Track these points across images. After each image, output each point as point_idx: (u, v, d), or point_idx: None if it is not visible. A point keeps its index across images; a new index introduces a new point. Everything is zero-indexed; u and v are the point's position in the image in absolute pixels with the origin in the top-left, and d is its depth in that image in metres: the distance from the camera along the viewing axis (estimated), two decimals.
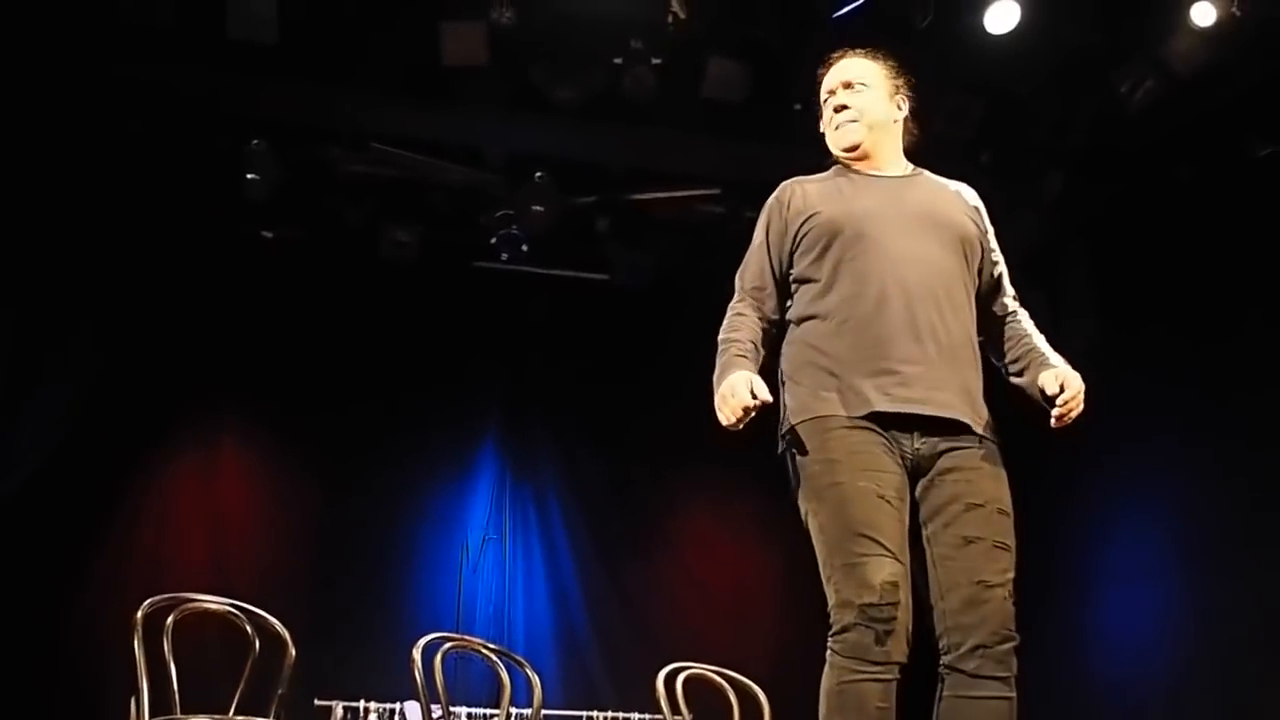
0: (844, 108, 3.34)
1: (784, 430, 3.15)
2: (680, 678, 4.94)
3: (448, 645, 4.62)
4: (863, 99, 3.34)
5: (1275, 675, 6.41)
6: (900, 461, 3.02)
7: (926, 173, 3.40)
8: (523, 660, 5.01)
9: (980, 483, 3.04)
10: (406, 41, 6.78)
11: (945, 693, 2.96)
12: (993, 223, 3.36)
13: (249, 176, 7.41)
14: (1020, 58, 6.71)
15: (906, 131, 3.42)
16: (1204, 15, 6.28)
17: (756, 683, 5.14)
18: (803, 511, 3.08)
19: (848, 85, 3.36)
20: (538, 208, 7.82)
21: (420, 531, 8.45)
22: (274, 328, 8.24)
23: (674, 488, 8.82)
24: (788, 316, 3.26)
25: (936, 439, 3.03)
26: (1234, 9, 6.22)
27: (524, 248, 8.15)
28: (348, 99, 7.25)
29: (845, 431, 3.01)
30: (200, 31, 6.51)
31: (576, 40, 6.78)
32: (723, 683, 5.11)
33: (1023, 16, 6.45)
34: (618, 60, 6.86)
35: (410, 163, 7.79)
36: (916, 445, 3.03)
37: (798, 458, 3.08)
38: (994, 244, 3.34)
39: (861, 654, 2.85)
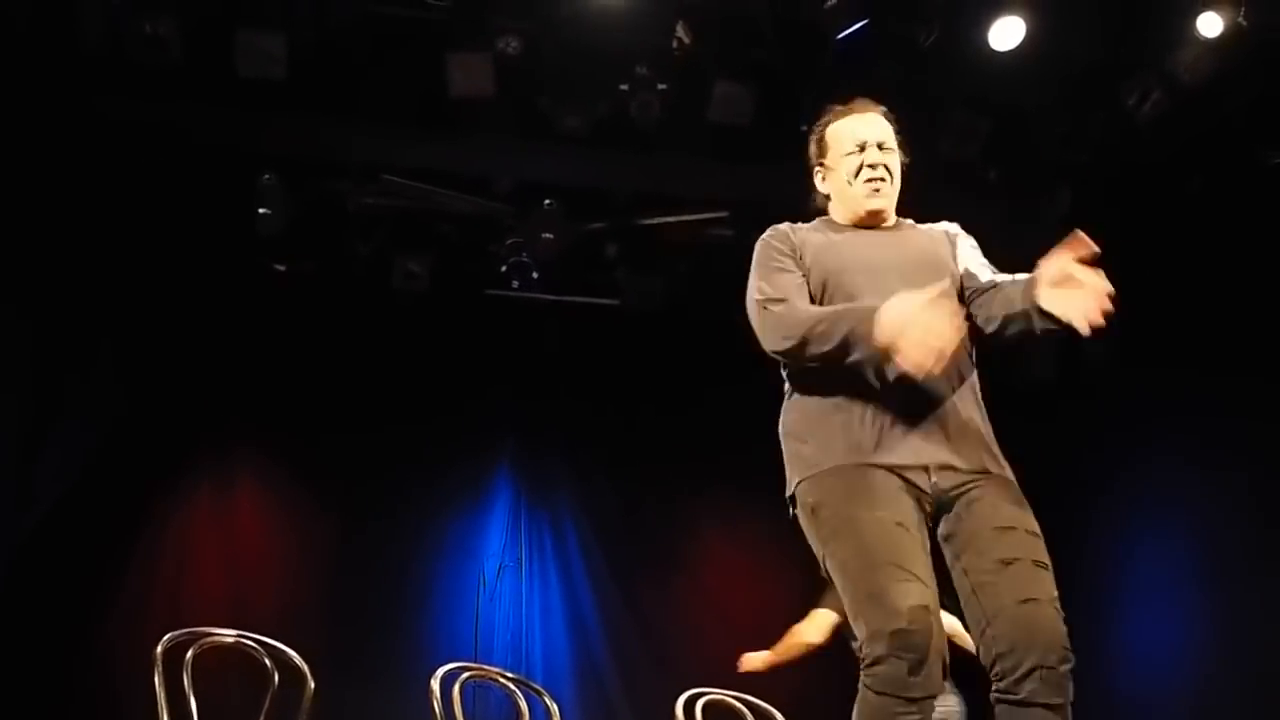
0: (880, 167, 3.27)
1: (791, 491, 3.10)
2: (699, 704, 4.92)
3: (466, 674, 4.61)
4: (893, 163, 3.30)
5: None
6: (917, 501, 2.96)
7: (910, 223, 3.38)
8: (541, 689, 5.00)
9: (1005, 509, 2.98)
10: (414, 74, 6.82)
11: None
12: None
13: (261, 211, 7.45)
14: (1026, 74, 6.71)
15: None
16: (1210, 25, 6.27)
17: (777, 708, 5.12)
18: (821, 558, 3.01)
19: (881, 146, 3.29)
20: (547, 235, 7.85)
21: (436, 561, 8.44)
22: (288, 360, 8.26)
23: (690, 511, 8.80)
24: (786, 373, 3.20)
25: (953, 474, 2.99)
26: (1240, 19, 6.21)
27: (534, 275, 8.17)
28: (357, 132, 7.29)
29: (857, 473, 2.96)
30: (210, 70, 6.57)
31: (582, 68, 6.81)
32: (742, 708, 5.09)
33: (1027, 32, 6.45)
34: (624, 86, 6.89)
35: (420, 194, 7.82)
36: (934, 480, 2.97)
37: (809, 509, 3.03)
38: (968, 253, 3.30)
39: (896, 688, 2.74)
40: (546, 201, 7.78)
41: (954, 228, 3.34)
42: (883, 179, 3.26)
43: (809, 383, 3.12)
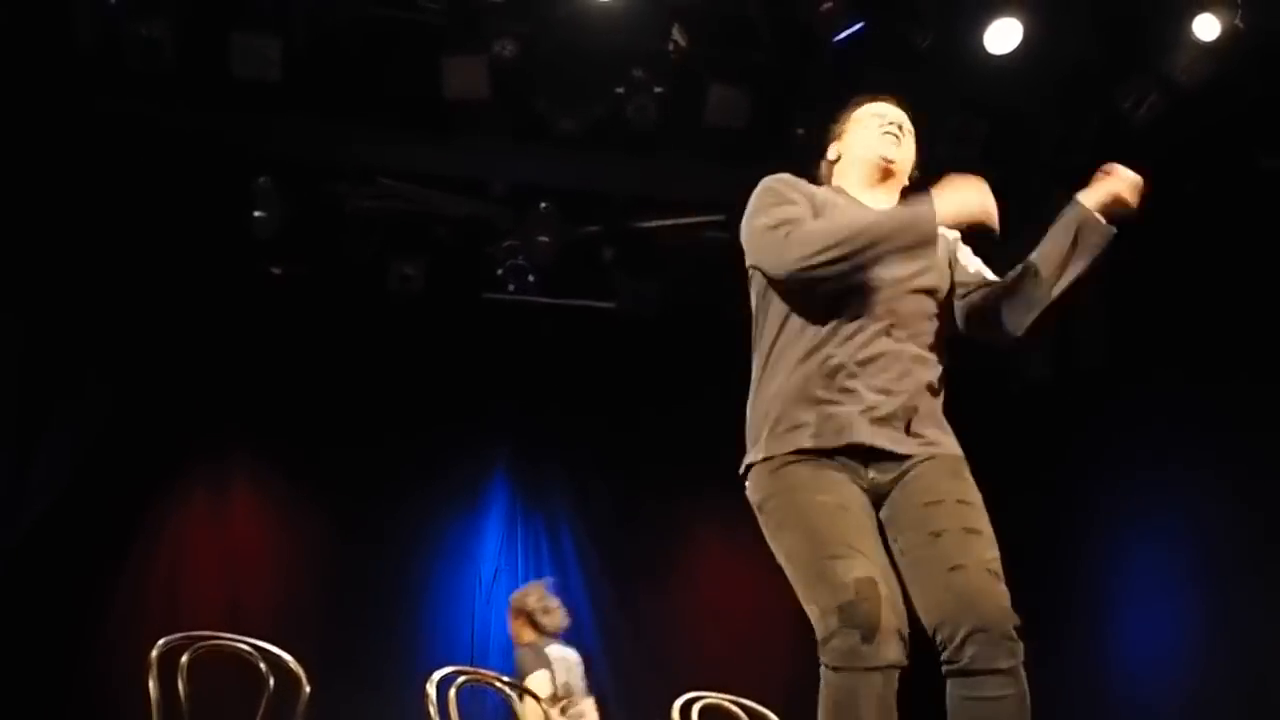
0: (900, 128, 3.30)
1: (744, 469, 3.11)
2: (696, 707, 4.90)
3: (462, 679, 4.59)
4: (909, 144, 3.33)
5: None
6: (859, 488, 2.97)
7: None
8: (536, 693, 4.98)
9: (936, 483, 2.96)
10: (409, 76, 6.80)
11: (950, 700, 2.80)
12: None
13: (256, 213, 7.45)
14: (1022, 76, 6.71)
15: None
16: (1207, 28, 6.27)
17: (774, 711, 5.10)
18: (774, 550, 3.01)
19: (902, 126, 3.33)
20: (543, 238, 7.84)
21: (432, 564, 8.43)
22: (283, 363, 8.25)
23: (685, 515, 8.80)
24: (761, 346, 3.17)
25: (895, 464, 2.98)
26: (1237, 21, 6.21)
27: (530, 278, 8.16)
28: (352, 135, 7.29)
29: (801, 463, 2.96)
30: (205, 72, 6.55)
31: (578, 71, 6.80)
32: (739, 712, 5.07)
33: (1024, 35, 6.45)
34: (620, 89, 6.88)
35: (416, 196, 7.81)
36: (872, 475, 2.98)
37: (757, 506, 3.05)
38: (964, 257, 3.30)
39: (851, 660, 2.72)
40: (542, 204, 7.77)
41: (952, 232, 3.31)
42: (898, 133, 3.28)
43: (775, 369, 3.09)
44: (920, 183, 3.25)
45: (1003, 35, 6.46)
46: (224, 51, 6.42)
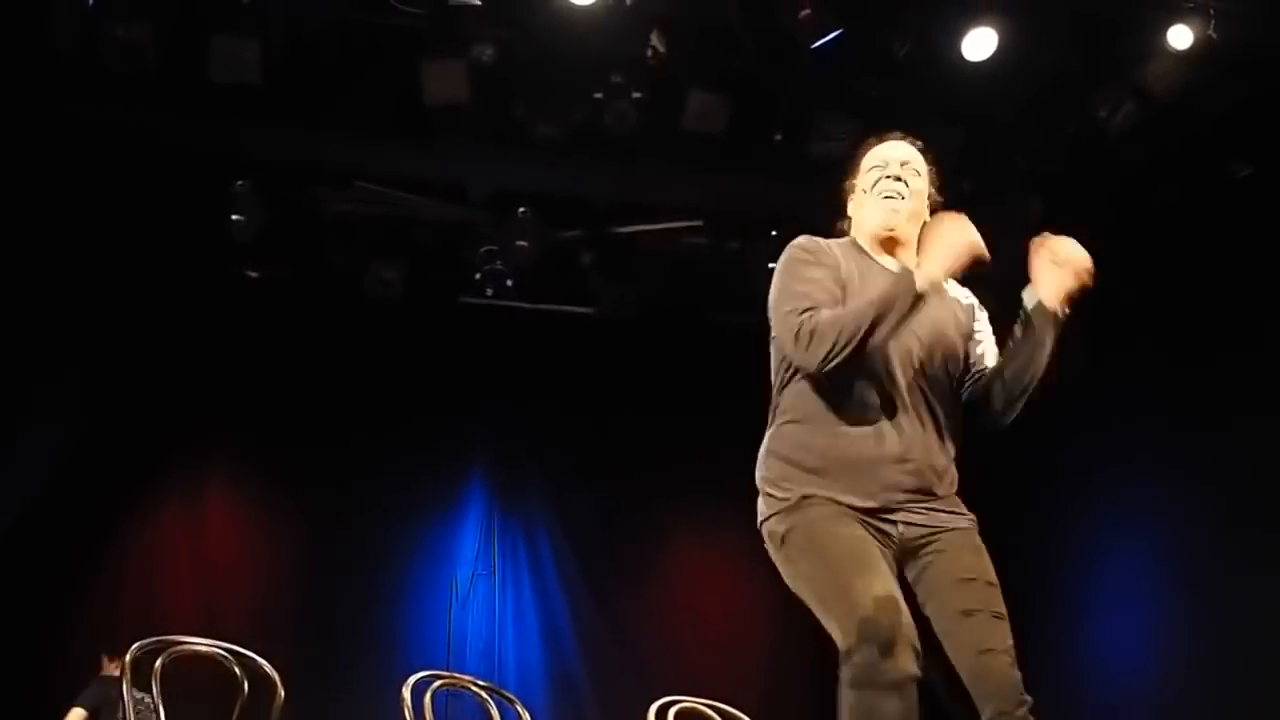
0: (899, 181, 3.23)
1: (763, 522, 3.13)
2: (672, 711, 4.91)
3: (437, 683, 4.59)
4: (916, 185, 3.27)
5: (1267, 695, 6.40)
6: (881, 544, 3.01)
7: None
8: (513, 697, 4.97)
9: (966, 558, 3.07)
10: (388, 81, 6.81)
11: None
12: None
13: (234, 217, 7.43)
14: (999, 85, 6.74)
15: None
16: (1180, 38, 6.33)
17: (749, 715, 5.11)
18: (790, 581, 3.06)
19: (904, 164, 3.27)
20: (522, 243, 7.85)
21: (409, 568, 8.43)
22: (261, 367, 8.23)
23: (663, 520, 8.82)
24: (774, 404, 3.19)
25: (920, 528, 3.05)
26: (1210, 31, 6.26)
27: (509, 282, 8.16)
28: (331, 139, 7.28)
29: (827, 507, 3.00)
30: (184, 76, 6.54)
31: (557, 76, 6.81)
32: (715, 716, 5.08)
33: (1000, 44, 6.48)
34: (599, 95, 6.89)
35: (394, 200, 7.81)
36: (901, 531, 3.04)
37: (779, 539, 3.06)
38: (982, 333, 3.31)
39: (871, 676, 2.81)
40: (521, 209, 7.78)
41: (968, 296, 3.33)
42: (899, 194, 3.23)
43: (798, 416, 3.13)
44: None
45: (980, 44, 6.50)
46: (203, 55, 6.40)
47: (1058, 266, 3.11)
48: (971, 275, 3.11)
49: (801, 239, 3.24)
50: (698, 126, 6.91)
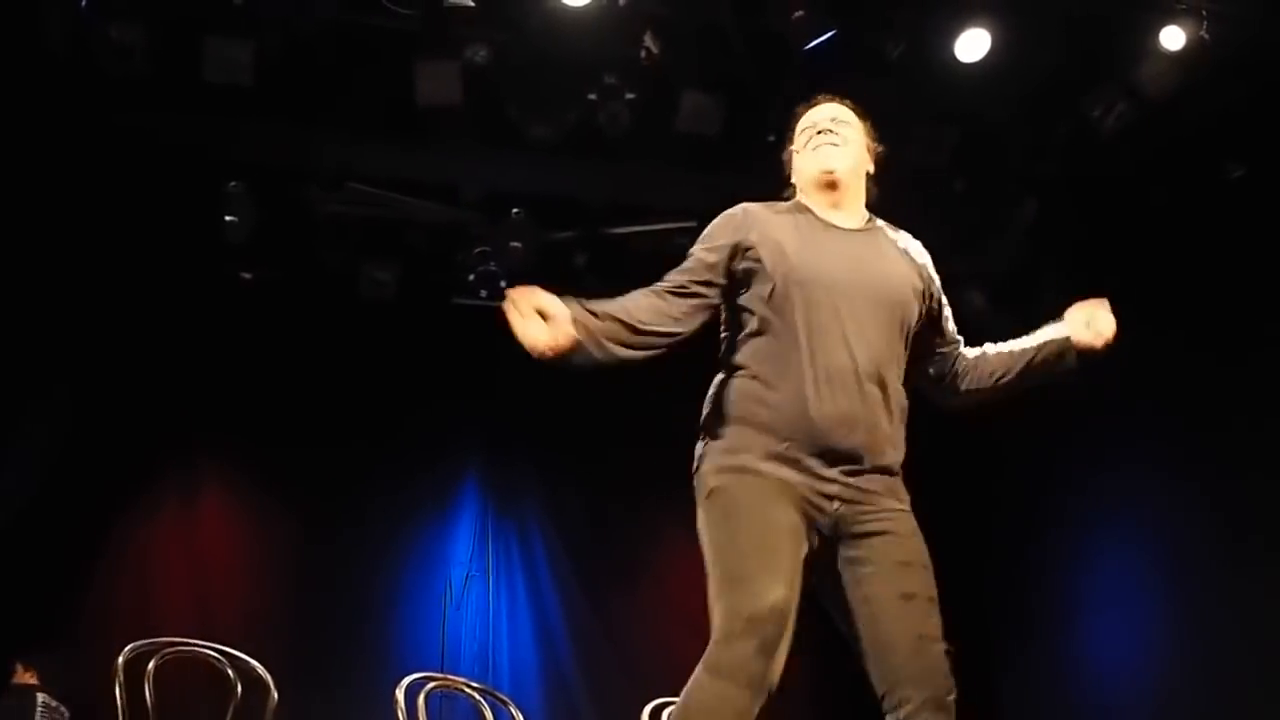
0: (829, 132, 3.32)
1: (696, 465, 3.17)
2: (666, 712, 4.91)
3: (431, 685, 4.59)
4: (848, 134, 3.33)
5: (1260, 696, 6.41)
6: (811, 520, 3.01)
7: (880, 224, 3.37)
8: (507, 699, 4.98)
9: (907, 542, 3.07)
10: (382, 82, 6.80)
11: None
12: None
13: (227, 218, 7.42)
14: (992, 85, 6.75)
15: (869, 188, 3.39)
16: (1173, 39, 6.34)
17: None
18: (700, 536, 3.11)
19: (833, 119, 3.35)
20: (516, 244, 7.84)
21: (403, 569, 8.41)
22: (254, 369, 8.22)
23: (657, 520, 8.80)
24: (722, 357, 3.24)
25: (857, 506, 3.05)
26: (1203, 32, 6.28)
27: (502, 284, 8.15)
28: (324, 140, 7.27)
29: (763, 475, 3.01)
30: (177, 77, 6.53)
31: (551, 77, 6.80)
32: None
33: (993, 44, 6.49)
34: (592, 96, 6.88)
35: (388, 202, 7.80)
36: (836, 507, 3.03)
37: (708, 490, 3.10)
38: (939, 292, 3.34)
39: (740, 667, 2.83)
40: (515, 210, 7.77)
41: (921, 252, 3.34)
42: (830, 141, 3.30)
43: (740, 379, 3.15)
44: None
45: (973, 44, 6.51)
46: (196, 56, 6.39)
47: (1090, 328, 3.31)
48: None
49: (733, 210, 3.33)
50: (691, 127, 6.92)
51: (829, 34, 6.47)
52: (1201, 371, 6.97)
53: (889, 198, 3.46)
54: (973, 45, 6.50)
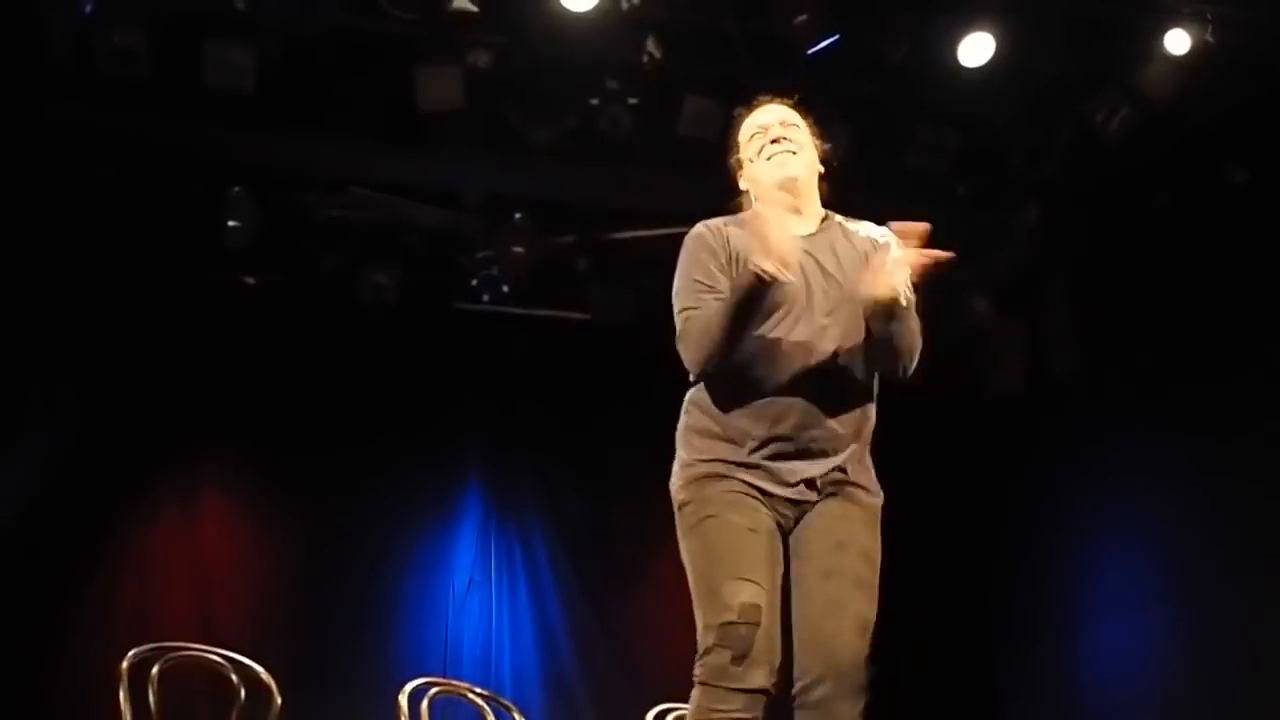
0: (783, 139, 3.32)
1: (672, 481, 3.24)
2: (670, 718, 4.90)
3: (434, 690, 4.59)
4: (799, 137, 3.35)
5: (1263, 706, 6.40)
6: (775, 518, 3.05)
7: (836, 219, 3.37)
8: (510, 704, 4.98)
9: (851, 527, 3.07)
10: (383, 86, 6.80)
11: None
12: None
13: (229, 223, 7.42)
14: (995, 89, 6.75)
15: (820, 184, 3.40)
16: (1178, 43, 6.33)
17: None
18: (681, 549, 3.16)
19: (783, 123, 3.36)
20: (517, 248, 7.84)
21: (405, 575, 8.40)
22: (256, 373, 8.21)
23: (659, 525, 8.75)
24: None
25: (819, 502, 3.08)
26: (1207, 36, 6.27)
27: (504, 288, 8.15)
28: (326, 144, 7.27)
29: (725, 480, 3.07)
30: (178, 81, 6.53)
31: (552, 82, 6.81)
32: None
33: (997, 49, 6.49)
34: (594, 101, 6.89)
35: (389, 206, 7.79)
36: (801, 505, 3.08)
37: (678, 505, 3.19)
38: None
39: (718, 678, 2.86)
40: (516, 215, 7.77)
41: (884, 236, 3.30)
42: (787, 149, 3.30)
43: (711, 377, 3.21)
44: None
45: (976, 49, 6.50)
46: (197, 61, 6.40)
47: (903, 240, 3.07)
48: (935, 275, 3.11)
49: (699, 226, 3.39)
50: (693, 132, 6.91)
51: (832, 38, 6.47)
52: (1204, 378, 6.96)
53: (892, 202, 3.46)
54: (976, 49, 6.50)
